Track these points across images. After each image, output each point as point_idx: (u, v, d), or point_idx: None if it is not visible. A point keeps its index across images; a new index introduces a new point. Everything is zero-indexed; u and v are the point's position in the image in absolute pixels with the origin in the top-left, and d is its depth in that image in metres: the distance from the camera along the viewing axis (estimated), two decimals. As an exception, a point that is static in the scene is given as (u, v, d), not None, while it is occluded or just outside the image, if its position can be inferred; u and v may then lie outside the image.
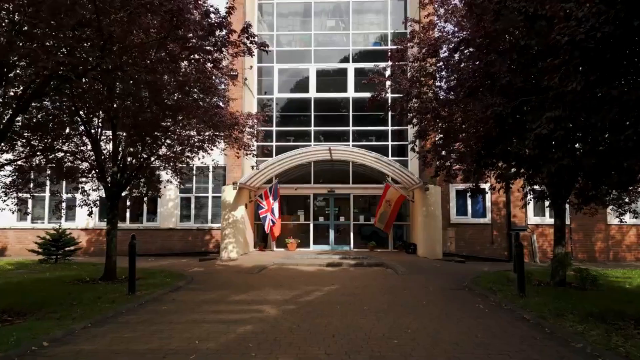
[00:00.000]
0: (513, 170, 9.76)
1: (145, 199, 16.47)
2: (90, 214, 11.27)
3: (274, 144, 18.65)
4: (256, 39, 8.24)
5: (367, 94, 13.33)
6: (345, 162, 17.91)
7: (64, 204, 12.84)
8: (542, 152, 7.00)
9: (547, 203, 16.53)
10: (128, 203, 15.09)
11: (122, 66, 6.00)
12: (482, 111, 7.23)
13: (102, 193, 11.21)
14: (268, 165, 16.07)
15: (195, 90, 8.92)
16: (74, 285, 9.76)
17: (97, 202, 11.02)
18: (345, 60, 19.07)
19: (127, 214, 17.72)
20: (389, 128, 18.52)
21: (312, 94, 18.83)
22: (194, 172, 16.92)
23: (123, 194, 11.86)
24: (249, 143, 12.72)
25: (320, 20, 19.51)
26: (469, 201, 17.22)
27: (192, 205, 17.94)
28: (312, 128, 18.70)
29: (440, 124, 11.41)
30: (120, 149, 10.85)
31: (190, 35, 6.51)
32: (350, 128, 18.63)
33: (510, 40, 6.88)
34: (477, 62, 7.55)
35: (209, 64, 7.83)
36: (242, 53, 8.40)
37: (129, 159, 10.95)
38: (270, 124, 18.49)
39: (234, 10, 7.86)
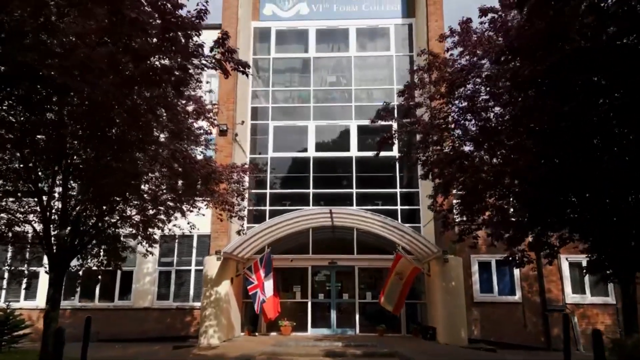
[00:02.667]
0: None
1: (119, 272, 14.70)
2: (27, 287, 8.95)
3: (268, 208, 16.55)
4: (235, 55, 6.52)
5: (372, 153, 11.73)
6: (348, 229, 15.68)
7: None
8: None
9: (586, 278, 14.23)
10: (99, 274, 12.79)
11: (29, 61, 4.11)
12: (553, 108, 5.17)
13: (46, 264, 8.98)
14: (259, 232, 13.80)
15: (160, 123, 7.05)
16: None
17: (38, 273, 8.80)
18: (348, 117, 17.60)
19: (97, 291, 15.29)
20: (397, 190, 16.53)
21: (311, 153, 17.11)
22: (176, 239, 14.77)
23: (77, 265, 9.77)
24: (234, 201, 10.59)
25: (319, 76, 18.33)
26: (494, 275, 14.75)
27: (172, 281, 15.44)
28: (311, 190, 16.71)
29: (462, 179, 9.49)
30: (77, 208, 8.85)
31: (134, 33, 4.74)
32: (354, 190, 16.64)
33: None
34: (532, 70, 5.66)
35: (167, 86, 5.97)
36: (210, 65, 6.61)
37: (82, 218, 8.86)
38: (263, 186, 16.62)
39: (207, 14, 6.19)
